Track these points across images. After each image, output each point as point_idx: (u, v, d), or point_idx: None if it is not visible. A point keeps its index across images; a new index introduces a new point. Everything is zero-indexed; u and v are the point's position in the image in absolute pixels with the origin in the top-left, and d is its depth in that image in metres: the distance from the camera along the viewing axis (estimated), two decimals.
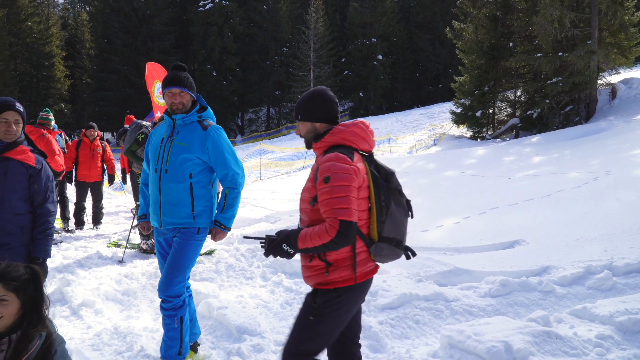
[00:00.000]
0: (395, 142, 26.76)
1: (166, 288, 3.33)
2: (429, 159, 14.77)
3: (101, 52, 51.55)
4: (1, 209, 3.12)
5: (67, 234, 8.39)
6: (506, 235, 6.34)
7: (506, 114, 24.11)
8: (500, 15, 22.25)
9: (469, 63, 23.33)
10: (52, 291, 5.13)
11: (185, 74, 3.42)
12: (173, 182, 3.32)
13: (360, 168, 2.42)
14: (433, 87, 55.06)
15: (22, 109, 3.25)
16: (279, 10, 53.07)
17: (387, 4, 51.44)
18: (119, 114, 47.17)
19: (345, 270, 2.42)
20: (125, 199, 12.71)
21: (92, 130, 8.86)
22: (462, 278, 5.06)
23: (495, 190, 8.95)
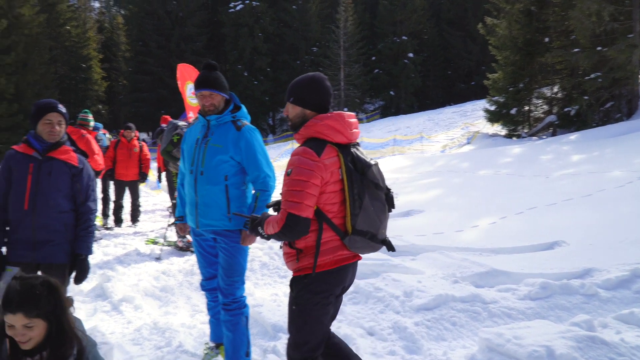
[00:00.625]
0: (427, 140, 26.47)
1: (229, 293, 3.37)
2: (462, 158, 14.54)
3: (136, 54, 52.64)
4: (46, 207, 3.21)
5: (107, 231, 8.60)
6: (545, 236, 6.18)
7: (542, 111, 23.52)
8: (534, 10, 21.70)
9: (503, 59, 22.84)
10: (94, 287, 5.27)
11: (216, 74, 3.39)
12: (209, 184, 3.32)
13: (330, 163, 2.45)
14: (465, 84, 54.17)
15: (64, 111, 3.33)
16: (309, 9, 53.15)
17: (417, 2, 50.90)
18: (153, 114, 48.10)
19: (309, 260, 2.51)
20: (161, 197, 12.94)
21: (129, 130, 9.06)
22: (499, 279, 4.95)
23: (533, 190, 8.74)
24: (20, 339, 1.95)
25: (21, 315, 1.91)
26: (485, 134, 24.54)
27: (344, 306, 4.51)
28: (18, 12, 39.57)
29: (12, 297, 1.92)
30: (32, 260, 3.21)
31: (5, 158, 3.30)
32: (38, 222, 3.19)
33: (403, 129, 33.57)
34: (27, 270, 3.21)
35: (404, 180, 11.49)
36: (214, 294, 3.60)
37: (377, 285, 4.74)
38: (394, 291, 4.59)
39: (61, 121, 3.31)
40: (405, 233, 7.04)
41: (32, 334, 1.95)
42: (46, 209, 3.20)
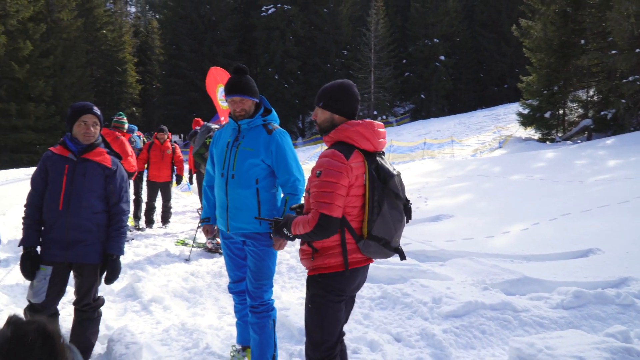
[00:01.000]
0: (458, 144, 26.15)
1: (257, 296, 3.39)
2: (494, 162, 14.30)
3: (170, 57, 53.63)
4: (80, 208, 3.28)
5: (138, 232, 8.75)
6: (579, 244, 6.01)
7: (577, 115, 22.98)
8: (570, 11, 21.22)
9: (537, 62, 22.41)
10: (124, 287, 5.37)
11: (246, 78, 3.40)
12: (240, 187, 3.34)
13: (356, 167, 2.54)
14: (498, 87, 53.33)
15: (99, 113, 3.41)
16: (340, 12, 53.22)
17: (450, 4, 50.38)
18: (185, 117, 48.94)
19: (329, 257, 2.60)
20: (191, 199, 13.11)
21: (162, 132, 9.21)
22: (531, 287, 4.84)
23: (567, 196, 8.52)
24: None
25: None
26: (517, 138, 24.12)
27: (371, 311, 4.48)
28: (57, 16, 40.79)
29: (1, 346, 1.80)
30: (65, 260, 3.29)
31: (42, 159, 3.39)
32: (71, 222, 3.26)
33: (433, 133, 33.26)
34: (60, 269, 3.30)
35: (433, 185, 11.36)
36: (241, 297, 3.62)
37: (405, 291, 4.69)
38: (422, 297, 4.54)
39: (96, 123, 3.39)
40: (434, 238, 6.96)
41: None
42: (79, 209, 3.28)
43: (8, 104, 33.73)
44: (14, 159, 33.08)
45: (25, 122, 34.86)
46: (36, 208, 3.32)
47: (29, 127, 35.32)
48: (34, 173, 3.37)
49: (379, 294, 4.80)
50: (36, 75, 36.12)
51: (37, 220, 3.32)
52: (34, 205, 3.32)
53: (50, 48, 39.51)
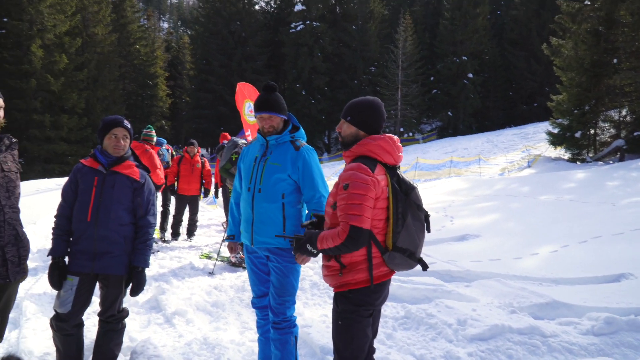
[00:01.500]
0: (485, 163, 25.83)
1: (279, 312, 3.40)
2: (522, 182, 14.06)
3: (199, 72, 54.63)
4: (108, 219, 3.32)
5: (163, 244, 8.84)
6: (611, 268, 5.84)
7: (609, 135, 22.49)
8: (602, 30, 20.91)
9: (568, 81, 22.08)
10: (149, 299, 5.41)
11: (275, 95, 3.44)
12: (266, 201, 3.37)
13: (381, 180, 2.57)
14: (527, 106, 52.68)
15: (129, 126, 3.48)
16: (368, 30, 53.53)
17: (479, 22, 50.20)
18: (213, 130, 49.64)
19: (358, 273, 2.62)
20: (217, 213, 13.22)
21: (192, 146, 9.34)
22: (560, 312, 4.71)
23: (598, 218, 8.31)
24: None
25: None
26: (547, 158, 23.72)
27: (394, 331, 4.42)
28: (92, 31, 42.03)
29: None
30: (91, 271, 3.33)
31: (73, 171, 3.46)
32: (99, 234, 3.31)
33: (460, 150, 32.96)
34: (87, 280, 3.34)
35: (460, 203, 11.22)
36: (264, 312, 3.61)
37: (430, 312, 4.61)
38: (447, 319, 4.46)
39: (126, 136, 3.46)
40: (460, 258, 6.84)
41: None
42: (107, 221, 3.33)
43: (43, 116, 34.73)
44: (46, 169, 33.94)
45: (58, 134, 35.79)
46: (66, 219, 3.38)
47: (61, 138, 36.25)
48: (65, 184, 3.44)
49: (403, 313, 4.73)
50: (70, 88, 37.16)
51: (67, 231, 3.38)
52: (63, 216, 3.38)
53: (85, 62, 40.66)
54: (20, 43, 34.52)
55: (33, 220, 9.19)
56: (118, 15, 49.11)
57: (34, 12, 34.37)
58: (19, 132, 32.41)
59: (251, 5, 56.29)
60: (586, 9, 21.24)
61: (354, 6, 55.21)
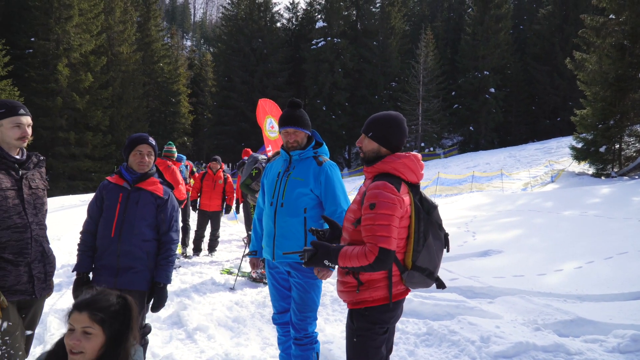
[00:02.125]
0: (508, 178, 25.53)
1: (301, 328, 3.42)
2: (545, 197, 13.86)
3: (221, 89, 55.40)
4: (131, 235, 3.39)
5: (185, 259, 8.92)
6: (637, 284, 5.71)
7: (635, 150, 22.05)
8: (628, 44, 20.63)
9: (592, 95, 21.78)
10: (170, 314, 5.45)
11: (300, 112, 3.53)
12: (288, 215, 3.41)
13: (405, 199, 2.56)
14: (550, 120, 52.05)
15: (154, 143, 3.56)
16: (389, 45, 53.72)
17: (501, 36, 50.00)
18: (234, 146, 50.15)
19: (376, 291, 2.60)
20: (237, 228, 13.30)
21: (215, 162, 9.46)
22: (585, 329, 4.62)
23: (624, 234, 8.13)
24: (73, 347, 1.85)
25: (86, 315, 1.85)
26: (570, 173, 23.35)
27: (416, 348, 4.38)
28: (117, 50, 43.03)
29: (84, 297, 1.91)
30: (114, 286, 3.36)
31: (99, 188, 3.56)
32: (122, 249, 3.37)
33: (482, 165, 32.66)
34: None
35: (482, 219, 11.10)
36: (285, 328, 3.62)
37: (452, 328, 4.56)
38: (469, 335, 4.41)
39: (150, 152, 3.54)
40: (482, 274, 6.77)
41: (87, 345, 1.86)
42: (130, 236, 3.39)
43: (68, 133, 35.56)
44: (71, 185, 34.64)
45: (82, 151, 36.56)
46: (91, 235, 3.45)
47: (85, 155, 37.01)
48: (91, 201, 3.53)
49: (425, 330, 4.69)
50: (95, 105, 38.03)
51: (91, 247, 3.45)
52: (89, 232, 3.46)
53: (110, 80, 41.63)
54: (47, 62, 35.54)
55: (58, 237, 9.38)
56: (143, 34, 50.24)
57: (60, 32, 35.41)
58: (45, 150, 33.22)
59: (273, 22, 57.08)
60: (611, 23, 21.02)
61: (375, 22, 55.55)
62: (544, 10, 53.97)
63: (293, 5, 64.86)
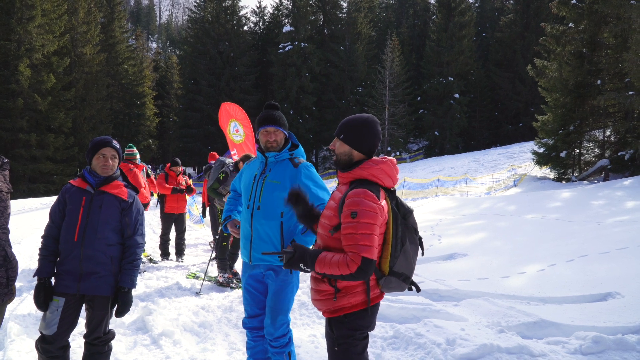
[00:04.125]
0: (472, 182, 26.03)
1: (274, 330, 3.41)
2: (508, 201, 14.17)
3: (187, 92, 54.75)
4: (94, 240, 3.30)
5: (150, 264, 8.74)
6: (597, 287, 5.87)
7: (594, 155, 22.81)
8: (586, 52, 21.35)
9: (553, 101, 22.44)
10: (135, 319, 5.32)
11: (279, 113, 3.55)
12: (264, 219, 3.41)
13: (384, 206, 2.53)
14: (513, 126, 53.45)
15: (118, 146, 3.47)
16: (356, 50, 54.13)
17: (465, 43, 51.04)
18: (200, 149, 49.66)
19: (354, 296, 2.57)
20: (204, 232, 13.11)
21: (177, 165, 9.31)
22: (548, 331, 4.71)
23: (584, 237, 8.38)
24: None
25: None
26: (532, 177, 23.97)
27: (383, 351, 4.39)
28: (80, 51, 42.06)
29: None
30: (77, 292, 3.28)
31: (61, 191, 3.45)
32: (85, 254, 3.28)
33: (447, 170, 33.19)
34: (73, 301, 3.29)
35: (447, 222, 11.26)
36: (254, 333, 3.59)
37: (418, 331, 4.59)
38: (435, 338, 4.44)
39: (114, 156, 3.46)
40: (448, 277, 6.85)
41: None
42: (94, 241, 3.30)
43: (29, 135, 34.54)
44: (32, 188, 33.65)
45: (44, 153, 35.57)
46: (53, 239, 3.35)
47: (47, 157, 36.02)
48: (53, 205, 3.42)
49: (392, 333, 4.70)
50: (57, 107, 37.08)
51: (53, 252, 3.34)
52: (50, 237, 3.35)
53: (73, 81, 40.66)
54: (8, 63, 34.49)
55: (18, 240, 9.06)
56: (107, 35, 49.28)
57: (22, 32, 34.41)
58: (5, 151, 32.21)
59: (240, 26, 56.81)
60: (570, 32, 21.71)
61: (342, 27, 55.92)
62: (506, 19, 55.46)
63: (260, 9, 64.79)
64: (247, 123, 10.88)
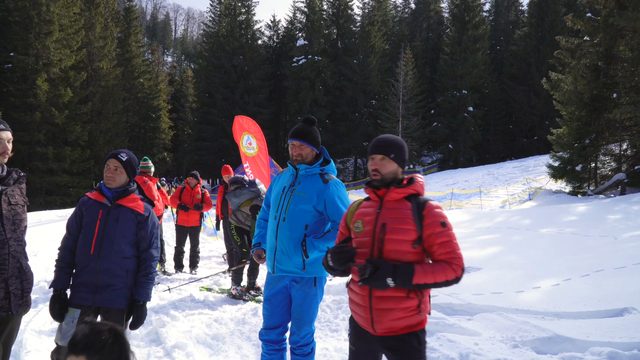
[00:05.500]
0: (486, 195, 25.85)
1: (299, 339, 3.48)
2: (523, 214, 14.05)
3: (202, 105, 55.34)
4: (110, 252, 3.34)
5: (164, 276, 8.79)
6: (613, 302, 5.80)
7: (610, 169, 22.54)
8: (602, 65, 21.18)
9: (568, 115, 22.26)
10: (149, 331, 5.36)
11: (311, 128, 3.62)
12: (289, 231, 3.46)
13: None
14: (527, 139, 53.08)
15: (124, 159, 3.48)
16: (369, 64, 54.34)
17: (479, 56, 50.99)
18: (214, 162, 49.99)
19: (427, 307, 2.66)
20: (217, 244, 13.17)
21: (193, 178, 9.39)
22: (563, 347, 4.66)
23: (600, 251, 8.28)
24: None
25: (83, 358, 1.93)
26: (548, 191, 23.74)
27: None
28: (97, 65, 42.75)
29: (79, 340, 1.97)
30: (93, 304, 3.32)
31: (78, 204, 3.51)
32: (101, 267, 3.32)
33: (461, 183, 33.01)
34: (88, 313, 3.33)
35: (461, 236, 11.19)
36: (270, 346, 3.60)
37: (431, 345, 4.57)
38: (449, 352, 4.42)
39: (118, 167, 3.46)
40: (461, 291, 6.80)
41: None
42: (110, 253, 3.34)
43: (46, 148, 35.05)
44: (48, 201, 34.05)
45: (60, 166, 36.02)
46: (69, 251, 3.40)
47: (64, 170, 36.47)
48: (70, 217, 3.48)
49: None
50: (74, 120, 37.60)
51: (69, 264, 3.39)
52: (67, 249, 3.40)
53: (89, 95, 41.29)
54: (26, 77, 35.14)
55: (34, 252, 9.17)
56: (123, 50, 50.08)
57: (40, 47, 35.07)
58: (22, 164, 32.69)
59: (254, 40, 57.39)
60: (585, 45, 21.59)
61: (355, 41, 56.23)
62: (520, 32, 55.36)
63: (274, 23, 65.45)
64: (261, 136, 10.97)
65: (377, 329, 2.59)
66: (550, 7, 51.22)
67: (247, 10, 56.70)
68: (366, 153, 13.40)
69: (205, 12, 72.45)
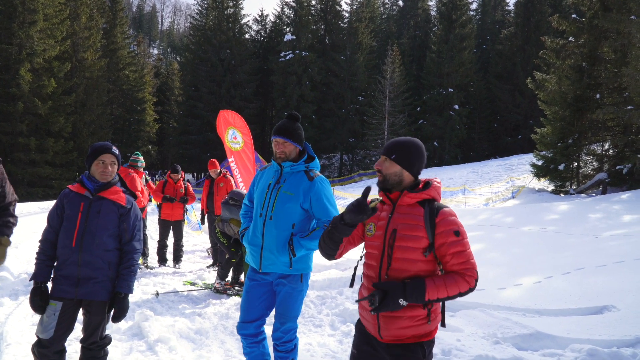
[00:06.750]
0: (470, 193, 26.06)
1: (282, 335, 3.49)
2: (506, 212, 14.19)
3: (188, 98, 54.86)
4: (92, 245, 3.31)
5: (147, 270, 8.73)
6: (593, 300, 5.89)
7: (592, 168, 22.85)
8: (586, 66, 21.43)
9: (552, 114, 22.49)
10: (131, 325, 5.33)
11: (295, 125, 3.57)
12: (276, 229, 3.45)
13: None
14: (512, 138, 53.57)
15: (117, 153, 3.49)
16: (356, 60, 54.32)
17: (465, 55, 51.24)
18: (200, 156, 49.70)
19: (438, 316, 2.56)
20: (201, 239, 13.11)
21: (176, 172, 9.32)
22: (544, 343, 4.73)
23: (581, 250, 8.39)
24: None
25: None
26: (531, 189, 23.99)
27: None
28: (82, 56, 42.15)
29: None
30: (75, 296, 3.30)
31: (59, 196, 3.47)
32: (83, 259, 3.29)
33: (446, 180, 33.23)
34: (70, 306, 3.30)
35: None
36: (249, 340, 3.60)
37: None
38: None
39: (114, 162, 3.48)
40: None
41: None
42: (92, 246, 3.31)
43: (28, 139, 34.53)
44: (30, 192, 33.56)
45: (43, 157, 35.54)
46: (50, 244, 3.36)
47: (46, 161, 35.98)
48: (51, 209, 3.44)
49: None
50: (57, 111, 37.06)
51: (50, 256, 3.36)
52: (48, 241, 3.37)
53: (73, 86, 40.71)
54: (9, 67, 34.53)
55: (15, 244, 9.05)
56: (108, 41, 49.44)
57: (23, 37, 34.49)
58: (4, 155, 32.16)
59: (241, 34, 57.00)
60: (570, 46, 21.82)
61: (343, 37, 56.13)
62: (507, 31, 55.76)
63: (262, 17, 65.09)
64: (246, 131, 10.91)
65: (383, 336, 2.52)
66: (536, 8, 51.71)
67: (235, 3, 56.24)
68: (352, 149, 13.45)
69: (193, 5, 71.84)
